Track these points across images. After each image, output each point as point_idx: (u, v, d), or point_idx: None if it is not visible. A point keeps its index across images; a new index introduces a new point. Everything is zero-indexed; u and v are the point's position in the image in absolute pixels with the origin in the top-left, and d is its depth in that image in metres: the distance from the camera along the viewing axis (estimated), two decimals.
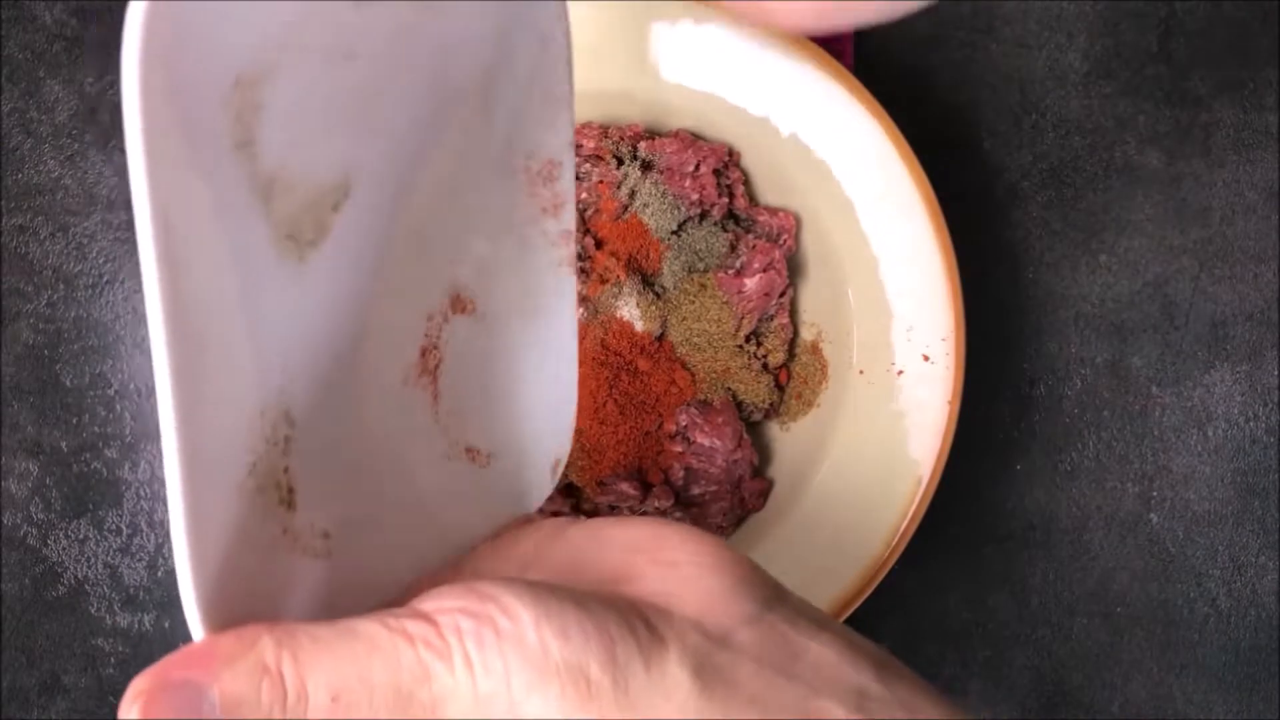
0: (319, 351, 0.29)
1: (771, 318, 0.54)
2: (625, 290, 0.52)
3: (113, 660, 0.57)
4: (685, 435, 0.52)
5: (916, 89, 0.60)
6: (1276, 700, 0.58)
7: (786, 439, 0.55)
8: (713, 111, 0.53)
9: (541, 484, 0.35)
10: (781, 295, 0.54)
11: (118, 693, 0.57)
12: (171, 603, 0.57)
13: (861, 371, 0.52)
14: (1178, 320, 0.59)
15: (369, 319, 0.31)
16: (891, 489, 0.51)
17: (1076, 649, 0.58)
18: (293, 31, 0.25)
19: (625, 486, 0.51)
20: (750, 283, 0.53)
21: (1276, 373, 0.59)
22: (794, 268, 0.55)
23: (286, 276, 0.27)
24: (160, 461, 0.58)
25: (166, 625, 0.57)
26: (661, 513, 0.52)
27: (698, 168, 0.53)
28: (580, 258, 0.53)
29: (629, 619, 0.24)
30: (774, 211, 0.54)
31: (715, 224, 0.54)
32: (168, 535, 0.58)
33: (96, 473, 0.58)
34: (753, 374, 0.53)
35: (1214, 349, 0.59)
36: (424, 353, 0.33)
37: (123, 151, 0.59)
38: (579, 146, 0.53)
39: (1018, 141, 0.60)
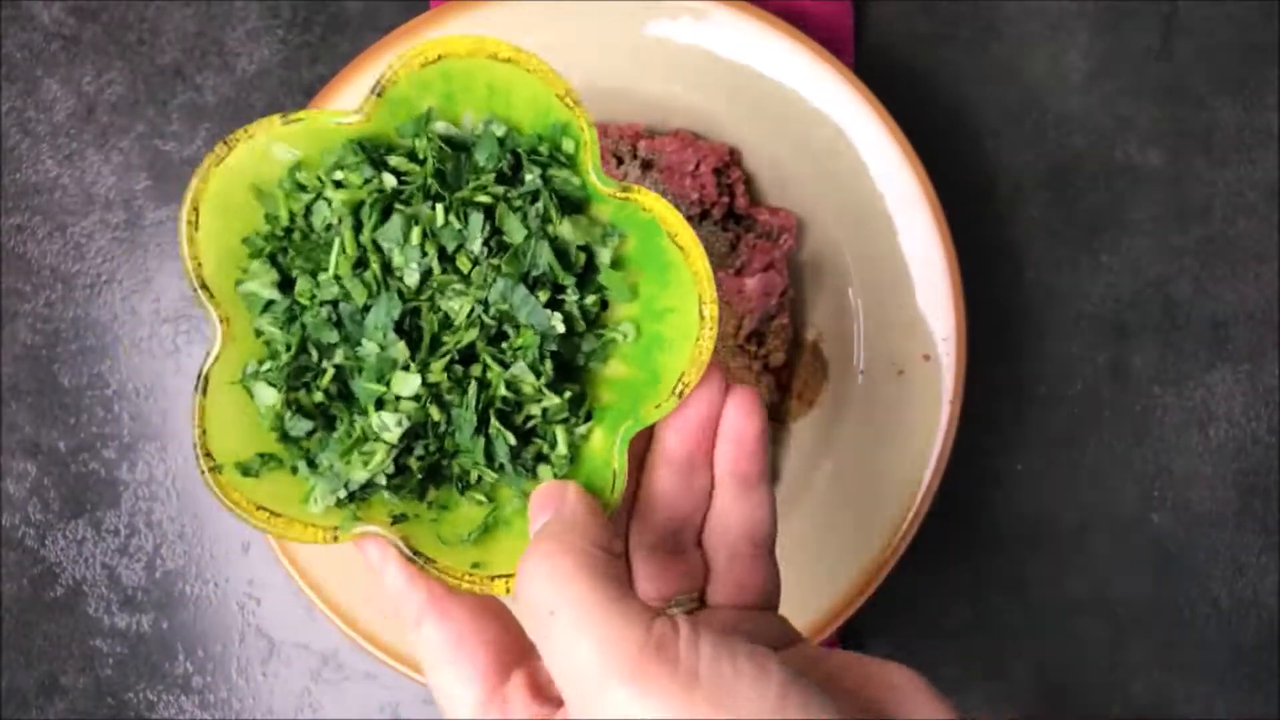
0: None
1: (771, 318, 0.54)
2: None
3: (110, 661, 0.57)
4: None
5: (917, 89, 0.59)
6: (1278, 700, 0.58)
7: (787, 439, 0.55)
8: (713, 110, 0.53)
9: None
10: (781, 295, 0.53)
11: (116, 693, 0.57)
12: (169, 603, 0.57)
13: (862, 371, 0.52)
14: (1179, 320, 0.59)
15: None
16: (892, 488, 0.51)
17: (1077, 649, 0.58)
18: None
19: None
20: (750, 283, 0.52)
21: (1278, 372, 0.59)
22: (795, 268, 0.55)
23: None
24: (158, 461, 0.57)
25: (165, 626, 0.57)
26: None
27: (698, 167, 0.53)
28: None
29: None
30: (774, 211, 0.54)
31: (715, 224, 0.53)
32: (165, 536, 0.58)
33: (94, 473, 0.57)
34: (753, 374, 0.53)
35: (1215, 349, 0.59)
36: None
37: (120, 150, 0.58)
38: None
39: (1019, 141, 0.59)
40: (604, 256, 0.36)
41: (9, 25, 0.59)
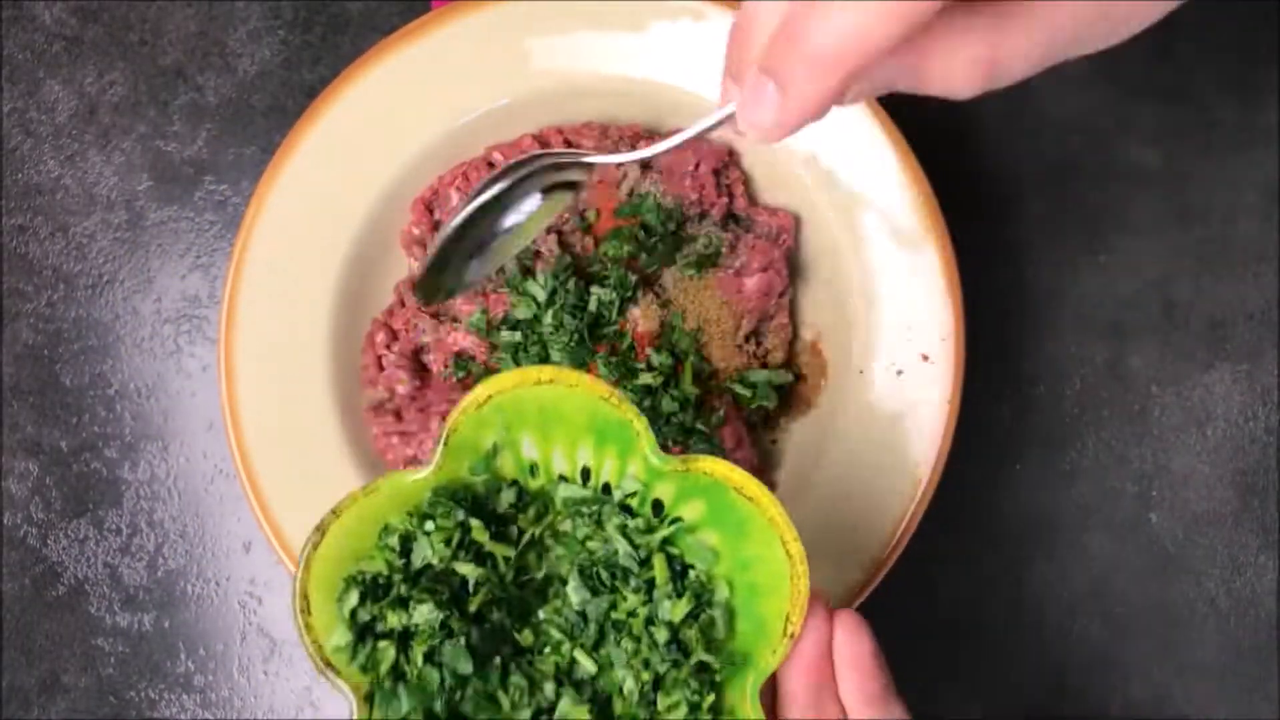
0: None
1: (771, 317, 0.54)
2: None
3: (112, 660, 0.57)
4: None
5: None
6: (1276, 700, 0.58)
7: (786, 439, 0.55)
8: (712, 111, 0.53)
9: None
10: (781, 295, 0.53)
11: (117, 692, 0.57)
12: (171, 602, 0.57)
13: (861, 371, 0.52)
14: (1177, 320, 0.59)
15: None
16: (891, 489, 0.51)
17: (1076, 649, 0.58)
18: None
19: None
20: (750, 283, 0.53)
21: (1276, 372, 0.59)
22: (794, 268, 0.55)
23: None
24: (159, 461, 0.58)
25: (166, 625, 0.57)
26: None
27: (697, 167, 0.53)
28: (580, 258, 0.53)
29: None
30: (774, 211, 0.54)
31: (714, 224, 0.54)
32: (167, 535, 0.58)
33: (96, 472, 0.58)
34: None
35: (1214, 349, 0.59)
36: None
37: (122, 151, 0.59)
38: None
39: (1019, 141, 0.60)
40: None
41: (11, 26, 0.59)
